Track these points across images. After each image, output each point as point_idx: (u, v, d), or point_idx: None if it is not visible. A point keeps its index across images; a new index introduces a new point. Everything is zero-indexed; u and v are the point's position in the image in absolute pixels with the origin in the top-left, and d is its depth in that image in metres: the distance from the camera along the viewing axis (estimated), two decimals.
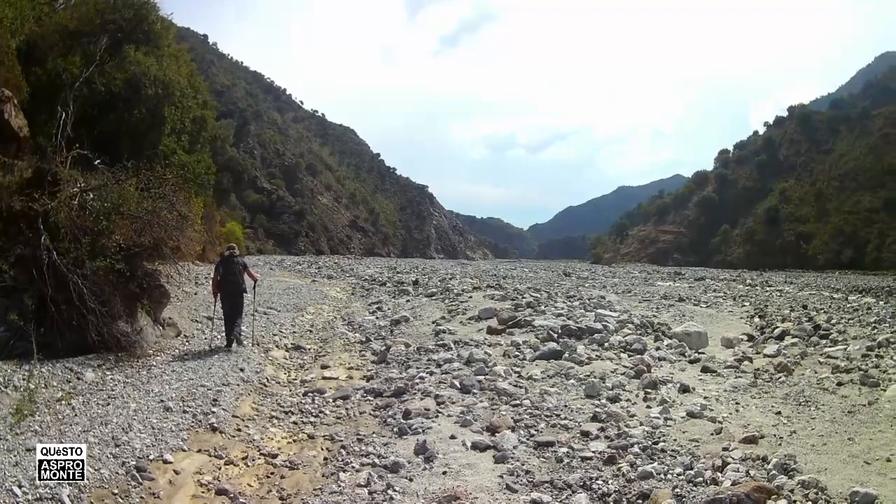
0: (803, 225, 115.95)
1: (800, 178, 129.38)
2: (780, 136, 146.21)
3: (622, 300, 28.76)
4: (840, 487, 7.13)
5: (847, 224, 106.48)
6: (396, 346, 15.60)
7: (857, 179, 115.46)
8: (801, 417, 10.21)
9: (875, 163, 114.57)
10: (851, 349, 16.04)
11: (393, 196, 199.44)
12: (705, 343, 17.95)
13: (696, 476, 7.52)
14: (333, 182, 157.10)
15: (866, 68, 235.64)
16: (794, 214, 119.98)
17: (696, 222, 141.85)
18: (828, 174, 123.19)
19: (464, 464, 7.98)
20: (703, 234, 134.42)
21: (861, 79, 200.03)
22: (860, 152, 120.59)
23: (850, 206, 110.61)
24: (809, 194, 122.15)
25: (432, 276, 40.65)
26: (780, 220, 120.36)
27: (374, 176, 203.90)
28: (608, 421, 9.72)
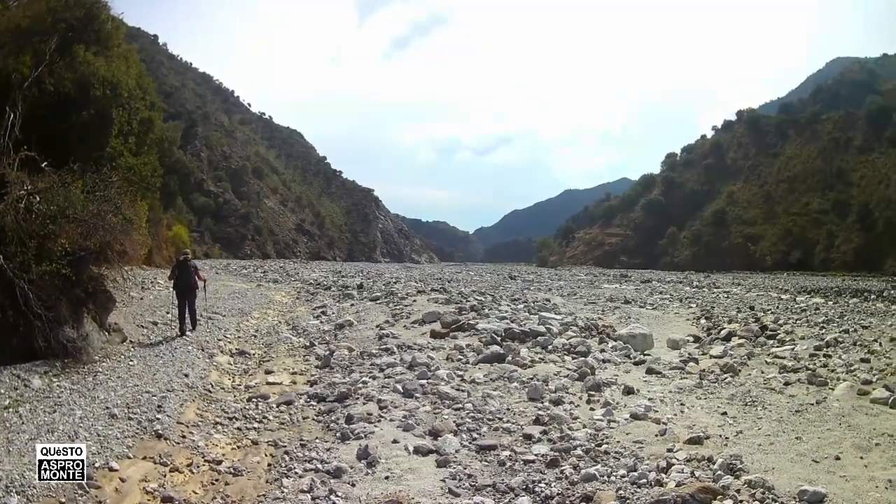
0: (751, 227, 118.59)
1: (748, 181, 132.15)
2: (729, 140, 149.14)
3: (567, 303, 28.99)
4: (788, 486, 7.16)
5: (796, 226, 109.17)
6: (340, 350, 15.55)
7: (807, 182, 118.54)
8: (747, 417, 10.29)
9: (825, 165, 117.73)
10: (799, 349, 16.34)
11: (339, 199, 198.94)
12: (651, 345, 18.10)
13: (640, 477, 7.51)
14: (280, 185, 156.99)
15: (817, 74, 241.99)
16: (742, 216, 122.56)
17: (642, 225, 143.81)
18: (776, 177, 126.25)
19: (406, 468, 7.97)
20: (649, 237, 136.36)
21: (812, 84, 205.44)
22: (809, 155, 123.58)
23: (798, 208, 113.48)
24: (757, 196, 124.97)
25: (377, 279, 40.62)
26: (728, 223, 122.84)
27: (321, 179, 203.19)
28: (551, 424, 9.71)
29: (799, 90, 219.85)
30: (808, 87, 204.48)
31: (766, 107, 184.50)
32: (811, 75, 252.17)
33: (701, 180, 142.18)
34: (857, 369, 13.71)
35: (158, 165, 29.47)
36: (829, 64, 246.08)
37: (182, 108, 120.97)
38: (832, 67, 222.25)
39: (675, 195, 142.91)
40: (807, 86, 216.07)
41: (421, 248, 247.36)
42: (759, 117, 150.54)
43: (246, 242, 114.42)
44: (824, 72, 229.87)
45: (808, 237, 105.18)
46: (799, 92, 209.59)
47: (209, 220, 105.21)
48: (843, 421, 9.82)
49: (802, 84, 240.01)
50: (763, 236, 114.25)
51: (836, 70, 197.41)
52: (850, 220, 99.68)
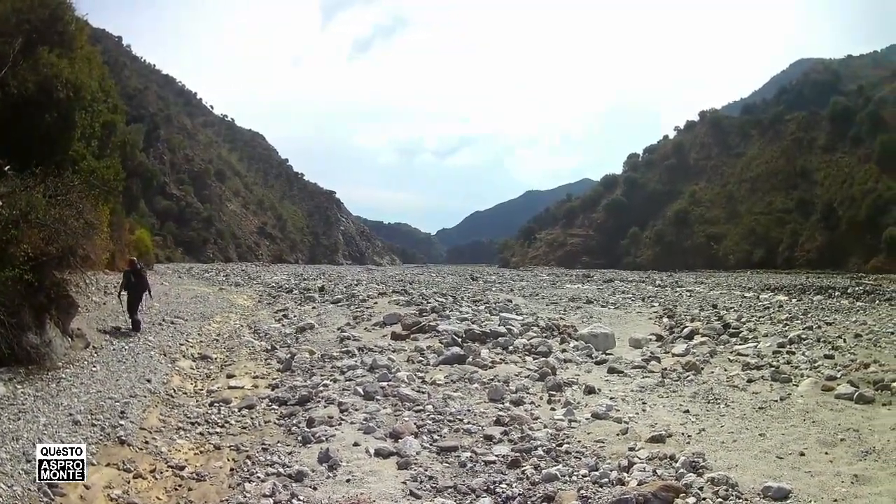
0: (713, 226, 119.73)
1: (710, 181, 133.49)
2: (691, 141, 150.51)
3: (529, 303, 29.13)
4: (752, 483, 7.18)
5: (759, 225, 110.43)
6: (301, 353, 15.48)
7: (770, 182, 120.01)
8: (710, 415, 10.36)
9: (787, 165, 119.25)
10: (762, 346, 16.54)
11: (300, 202, 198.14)
12: (612, 344, 18.16)
13: (602, 477, 7.50)
14: (242, 188, 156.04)
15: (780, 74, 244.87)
16: (704, 216, 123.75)
17: (604, 225, 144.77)
18: (739, 177, 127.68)
19: (367, 471, 7.91)
20: (611, 237, 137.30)
21: (775, 85, 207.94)
22: (772, 155, 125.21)
23: (761, 208, 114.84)
24: (720, 196, 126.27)
25: (339, 282, 40.73)
26: (690, 222, 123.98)
27: (282, 182, 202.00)
28: (512, 424, 9.69)
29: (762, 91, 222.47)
30: (772, 87, 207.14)
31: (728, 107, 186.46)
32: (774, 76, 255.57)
33: (663, 180, 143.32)
34: (822, 365, 13.88)
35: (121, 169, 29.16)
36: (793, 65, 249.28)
37: (145, 111, 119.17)
38: (796, 68, 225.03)
39: (637, 195, 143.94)
40: (770, 87, 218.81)
41: (383, 250, 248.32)
42: (722, 118, 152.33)
43: (208, 246, 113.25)
44: (788, 73, 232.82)
45: (772, 236, 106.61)
46: (762, 93, 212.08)
47: (171, 224, 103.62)
48: (808, 417, 9.91)
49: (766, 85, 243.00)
50: (726, 235, 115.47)
51: (799, 71, 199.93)
52: (814, 218, 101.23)
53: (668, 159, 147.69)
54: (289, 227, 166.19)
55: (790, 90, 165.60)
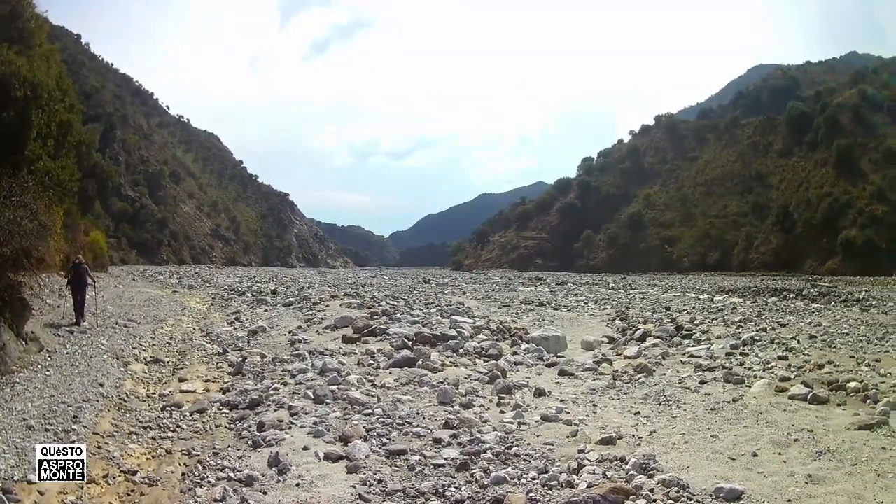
0: (668, 229, 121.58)
1: (665, 185, 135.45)
2: (646, 144, 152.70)
3: (482, 306, 29.17)
4: (704, 484, 7.20)
5: (713, 228, 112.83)
6: (252, 357, 15.39)
7: (725, 185, 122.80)
8: (661, 417, 10.39)
9: (743, 169, 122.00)
10: (715, 348, 16.71)
11: (254, 204, 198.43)
12: (564, 346, 18.21)
13: (551, 479, 7.49)
14: (196, 190, 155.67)
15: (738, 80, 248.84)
16: (659, 219, 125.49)
17: (558, 228, 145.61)
18: (694, 180, 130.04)
19: (316, 475, 7.88)
20: (565, 240, 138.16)
21: (732, 90, 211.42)
22: (728, 159, 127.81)
23: (716, 211, 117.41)
24: (674, 200, 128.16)
25: (291, 285, 40.75)
26: (644, 225, 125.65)
27: (237, 183, 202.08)
28: (461, 427, 9.66)
29: (719, 96, 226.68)
30: (729, 93, 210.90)
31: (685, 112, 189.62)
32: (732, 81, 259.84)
33: (617, 184, 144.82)
34: (775, 367, 14.04)
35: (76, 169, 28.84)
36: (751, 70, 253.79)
37: (101, 110, 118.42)
38: (754, 74, 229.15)
39: (591, 199, 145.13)
40: (727, 92, 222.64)
41: (336, 252, 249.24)
42: (678, 122, 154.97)
43: (162, 248, 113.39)
44: (745, 78, 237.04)
45: (726, 239, 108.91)
46: (719, 98, 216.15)
47: (126, 226, 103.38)
48: (761, 418, 9.97)
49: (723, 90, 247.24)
50: (680, 238, 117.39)
51: (757, 77, 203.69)
52: (769, 221, 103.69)
53: (623, 163, 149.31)
54: (242, 229, 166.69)
55: (747, 95, 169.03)
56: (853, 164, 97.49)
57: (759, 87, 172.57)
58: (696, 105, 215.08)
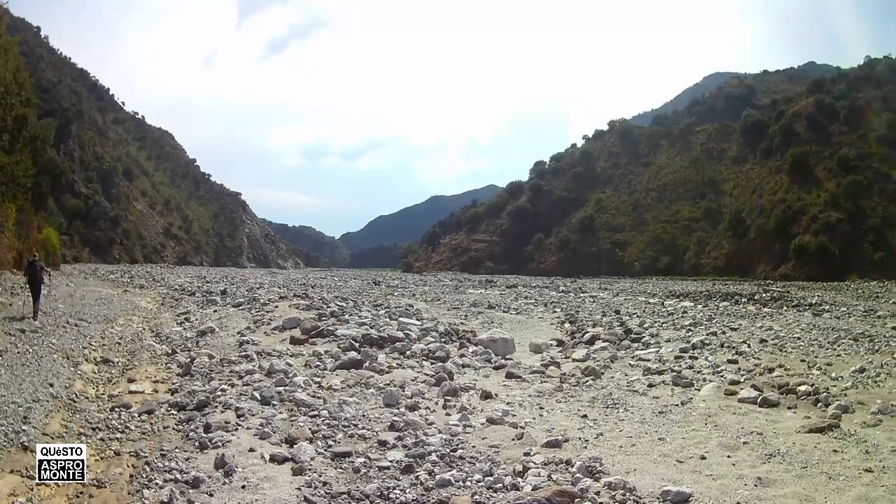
0: (619, 233, 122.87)
1: (617, 189, 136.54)
2: (599, 149, 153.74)
3: (431, 308, 29.25)
4: (651, 487, 7.19)
5: (665, 233, 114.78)
6: (201, 358, 15.23)
7: (677, 191, 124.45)
8: (608, 420, 10.41)
9: (696, 175, 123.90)
10: (664, 352, 16.86)
11: (207, 203, 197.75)
12: (512, 349, 18.30)
13: (496, 482, 7.48)
14: (149, 188, 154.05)
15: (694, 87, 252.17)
16: (610, 223, 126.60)
17: (509, 231, 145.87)
18: (646, 185, 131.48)
19: (262, 477, 7.82)
20: (516, 243, 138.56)
21: (688, 97, 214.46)
22: (681, 165, 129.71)
23: (668, 216, 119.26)
24: (626, 204, 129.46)
25: (241, 285, 40.75)
26: (596, 229, 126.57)
27: (189, 182, 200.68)
28: (406, 430, 9.63)
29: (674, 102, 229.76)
30: (685, 100, 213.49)
31: (639, 118, 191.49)
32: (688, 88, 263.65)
33: (569, 188, 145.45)
34: (725, 370, 14.21)
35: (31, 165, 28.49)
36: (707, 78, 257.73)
37: (57, 105, 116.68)
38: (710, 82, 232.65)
39: (543, 202, 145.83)
40: (683, 99, 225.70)
41: (287, 253, 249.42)
42: (632, 127, 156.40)
43: (115, 247, 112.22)
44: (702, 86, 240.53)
45: (678, 244, 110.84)
46: (674, 104, 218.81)
47: (79, 223, 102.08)
48: (710, 421, 10.03)
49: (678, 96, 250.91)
50: (632, 243, 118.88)
51: (713, 84, 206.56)
52: (722, 227, 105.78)
53: (576, 167, 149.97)
54: (194, 228, 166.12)
55: (703, 102, 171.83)
56: (808, 172, 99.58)
57: (714, 95, 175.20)
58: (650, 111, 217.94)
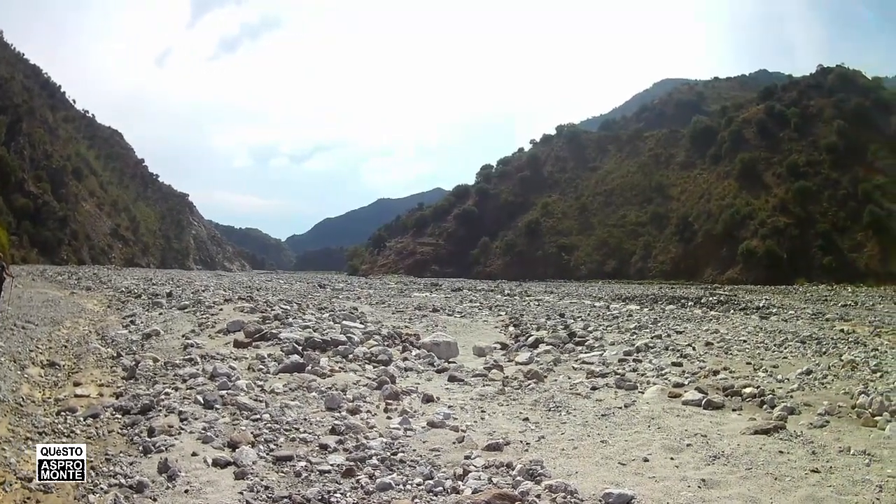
0: (566, 237, 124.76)
1: (564, 193, 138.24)
2: (546, 153, 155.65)
3: (375, 311, 29.31)
4: (593, 490, 7.19)
5: (612, 237, 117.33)
6: (146, 361, 15.01)
7: (625, 195, 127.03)
8: (550, 423, 10.43)
9: (644, 180, 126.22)
10: (608, 355, 16.98)
11: (154, 204, 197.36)
12: (456, 353, 18.30)
13: (436, 485, 7.49)
14: (97, 188, 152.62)
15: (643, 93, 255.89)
16: (556, 227, 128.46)
17: (455, 234, 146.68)
18: (593, 190, 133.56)
19: (205, 481, 7.77)
20: (462, 246, 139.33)
21: (637, 102, 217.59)
22: (628, 170, 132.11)
23: (615, 220, 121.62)
24: (573, 209, 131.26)
25: (187, 287, 40.27)
26: (542, 233, 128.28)
27: (137, 182, 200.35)
28: (347, 433, 9.61)
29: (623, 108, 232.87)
30: (634, 105, 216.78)
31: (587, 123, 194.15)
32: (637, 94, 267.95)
33: (516, 192, 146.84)
34: (669, 373, 14.33)
35: None
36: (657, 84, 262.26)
37: (9, 102, 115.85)
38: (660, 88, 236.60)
39: (489, 206, 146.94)
40: (632, 104, 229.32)
41: (233, 255, 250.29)
42: (579, 132, 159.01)
43: (63, 247, 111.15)
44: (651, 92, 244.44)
45: (625, 248, 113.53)
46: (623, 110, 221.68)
47: (28, 224, 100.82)
48: (653, 423, 10.08)
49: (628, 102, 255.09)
50: (578, 247, 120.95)
51: (663, 91, 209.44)
52: (669, 231, 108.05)
53: (522, 171, 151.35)
54: (142, 229, 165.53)
55: (652, 108, 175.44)
56: (756, 178, 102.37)
57: (664, 101, 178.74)
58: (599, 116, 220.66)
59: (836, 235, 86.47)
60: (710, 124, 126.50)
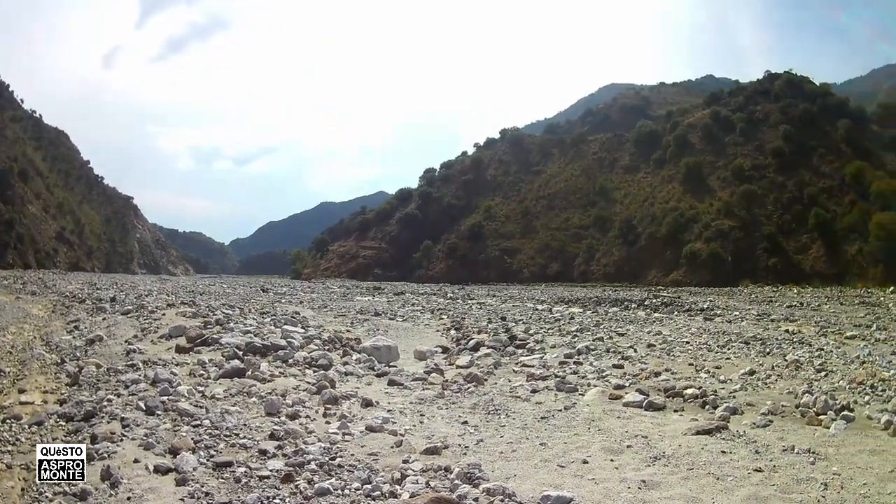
0: (508, 241, 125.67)
1: (507, 197, 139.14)
2: (490, 157, 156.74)
3: (318, 315, 29.21)
4: (531, 492, 7.20)
5: (555, 240, 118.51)
6: (89, 367, 14.86)
7: (568, 199, 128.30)
8: (489, 426, 10.48)
9: (587, 183, 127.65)
10: (549, 357, 17.09)
11: (99, 207, 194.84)
12: (396, 356, 18.36)
13: (374, 490, 7.53)
14: (43, 190, 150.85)
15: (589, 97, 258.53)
16: (499, 231, 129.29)
17: (397, 238, 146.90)
18: (536, 193, 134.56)
19: (146, 488, 7.73)
20: (405, 250, 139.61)
21: (582, 107, 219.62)
22: (572, 174, 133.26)
23: (558, 224, 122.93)
24: (516, 212, 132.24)
25: (130, 292, 39.98)
26: (485, 236, 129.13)
27: (83, 185, 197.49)
28: (286, 438, 9.62)
29: (568, 112, 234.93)
30: (579, 109, 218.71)
31: (532, 126, 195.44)
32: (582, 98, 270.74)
33: (458, 195, 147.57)
34: (610, 375, 14.40)
35: None
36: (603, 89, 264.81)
37: None
38: (606, 93, 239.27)
39: (432, 209, 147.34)
40: (577, 108, 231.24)
41: (177, 259, 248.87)
42: (523, 136, 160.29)
43: (9, 251, 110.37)
44: (597, 96, 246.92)
45: (568, 251, 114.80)
46: (568, 114, 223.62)
47: None
48: (593, 425, 10.12)
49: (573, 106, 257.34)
50: (521, 250, 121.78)
51: (609, 95, 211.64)
52: (612, 234, 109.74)
53: (466, 174, 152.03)
54: (87, 233, 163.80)
55: (597, 113, 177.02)
56: (701, 181, 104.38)
57: (609, 105, 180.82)
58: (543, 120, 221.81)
59: (781, 238, 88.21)
60: (655, 128, 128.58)
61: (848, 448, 8.91)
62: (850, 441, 9.27)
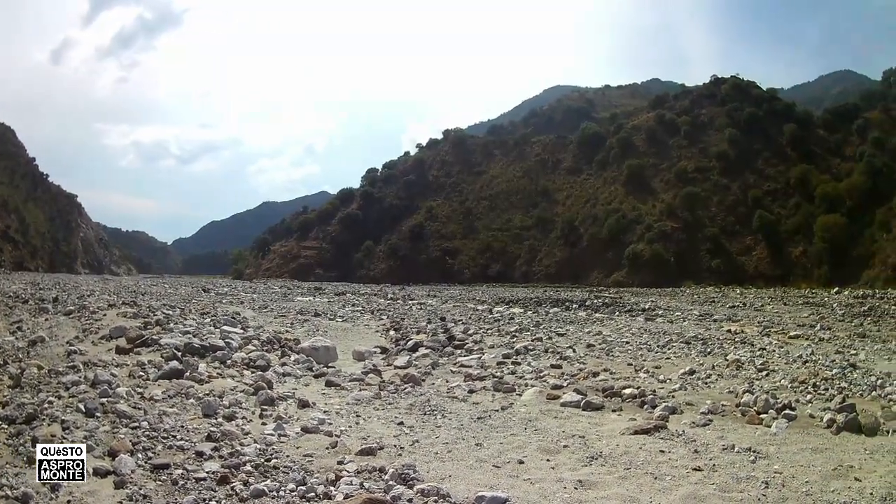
0: (449, 241, 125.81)
1: (448, 198, 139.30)
2: (432, 158, 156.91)
3: (258, 316, 29.03)
4: (466, 493, 7.23)
5: (496, 240, 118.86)
6: (30, 369, 14.57)
7: (510, 200, 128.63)
8: (425, 426, 10.49)
9: (529, 185, 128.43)
10: (486, 358, 17.15)
11: (44, 205, 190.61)
12: (334, 357, 18.34)
13: (309, 491, 7.53)
14: None
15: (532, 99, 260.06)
16: (441, 231, 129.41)
17: (339, 238, 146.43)
18: (478, 194, 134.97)
19: (86, 491, 7.64)
20: (346, 250, 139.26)
21: (526, 108, 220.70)
22: (514, 175, 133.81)
23: (500, 224, 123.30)
24: (457, 213, 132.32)
25: (73, 292, 39.08)
26: (426, 237, 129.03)
27: (28, 182, 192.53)
28: (223, 440, 9.58)
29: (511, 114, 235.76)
30: (523, 111, 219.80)
31: (475, 127, 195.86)
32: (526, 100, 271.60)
33: (400, 196, 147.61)
34: (548, 375, 14.45)
35: None
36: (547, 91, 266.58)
37: None
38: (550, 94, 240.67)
39: (374, 210, 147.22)
40: (521, 110, 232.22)
41: (120, 259, 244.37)
42: (466, 137, 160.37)
43: None
44: (541, 98, 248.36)
45: (509, 251, 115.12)
46: (511, 115, 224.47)
47: None
48: (530, 425, 10.15)
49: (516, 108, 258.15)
50: (462, 250, 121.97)
51: (553, 97, 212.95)
52: (554, 235, 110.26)
53: (408, 175, 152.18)
54: (31, 231, 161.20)
55: (541, 114, 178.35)
56: (644, 183, 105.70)
57: (553, 107, 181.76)
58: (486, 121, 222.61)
59: (724, 239, 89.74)
60: (598, 130, 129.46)
61: (790, 447, 9.01)
62: (792, 440, 9.39)
